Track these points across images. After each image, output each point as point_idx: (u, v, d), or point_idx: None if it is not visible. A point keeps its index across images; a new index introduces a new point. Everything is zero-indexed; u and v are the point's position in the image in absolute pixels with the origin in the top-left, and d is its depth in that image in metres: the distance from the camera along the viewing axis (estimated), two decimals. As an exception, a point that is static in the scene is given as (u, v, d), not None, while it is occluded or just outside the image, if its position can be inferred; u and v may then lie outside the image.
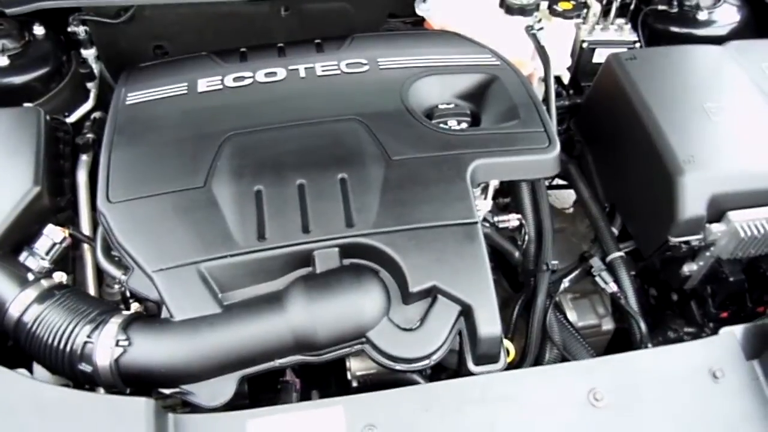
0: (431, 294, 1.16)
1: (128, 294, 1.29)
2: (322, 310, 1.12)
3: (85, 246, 1.35)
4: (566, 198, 2.14)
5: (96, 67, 1.61)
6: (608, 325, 1.62)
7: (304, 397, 1.33)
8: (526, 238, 1.49)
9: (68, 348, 1.09)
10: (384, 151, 1.27)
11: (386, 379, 1.26)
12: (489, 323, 1.13)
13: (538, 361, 1.40)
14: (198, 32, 1.77)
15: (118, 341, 1.08)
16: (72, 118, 1.54)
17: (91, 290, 1.35)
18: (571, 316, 1.59)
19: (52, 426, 0.98)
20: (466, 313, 1.15)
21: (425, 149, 1.29)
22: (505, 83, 1.43)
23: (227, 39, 1.75)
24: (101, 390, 1.16)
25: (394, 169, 1.25)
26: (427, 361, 1.14)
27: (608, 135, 1.57)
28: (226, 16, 1.75)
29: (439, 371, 1.29)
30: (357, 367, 1.26)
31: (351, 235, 1.18)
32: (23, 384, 1.02)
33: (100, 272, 1.39)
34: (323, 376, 1.36)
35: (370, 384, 1.28)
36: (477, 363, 1.16)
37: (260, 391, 1.24)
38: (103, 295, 1.38)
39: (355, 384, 1.29)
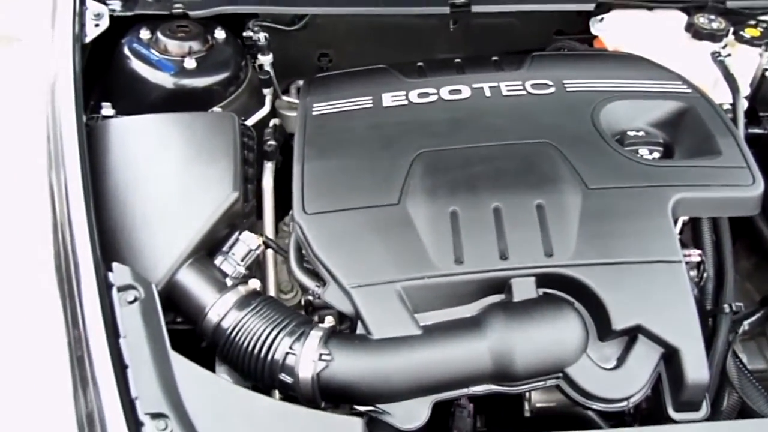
0: (632, 333, 1.12)
1: (304, 302, 1.32)
2: (523, 340, 1.09)
3: (269, 253, 1.37)
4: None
5: (272, 73, 1.63)
6: (776, 370, 1.54)
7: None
8: (705, 275, 1.42)
9: (269, 357, 1.11)
10: (580, 178, 1.23)
11: (562, 414, 1.23)
12: (697, 369, 1.08)
13: (715, 407, 1.33)
14: (363, 42, 1.79)
15: (321, 355, 1.08)
16: (248, 123, 1.56)
17: (272, 297, 1.37)
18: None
19: (264, 436, 0.99)
20: (670, 356, 1.10)
21: (623, 179, 1.24)
22: (700, 113, 1.36)
23: (391, 50, 1.77)
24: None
25: (592, 199, 1.21)
26: (625, 403, 1.10)
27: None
28: (392, 28, 1.76)
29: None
30: (538, 398, 1.22)
31: (550, 265, 1.14)
32: (236, 392, 1.03)
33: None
34: (491, 402, 1.34)
35: (544, 416, 1.25)
36: (678, 410, 1.11)
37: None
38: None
39: (527, 414, 1.26)
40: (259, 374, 1.12)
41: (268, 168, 1.47)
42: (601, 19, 1.67)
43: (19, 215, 1.22)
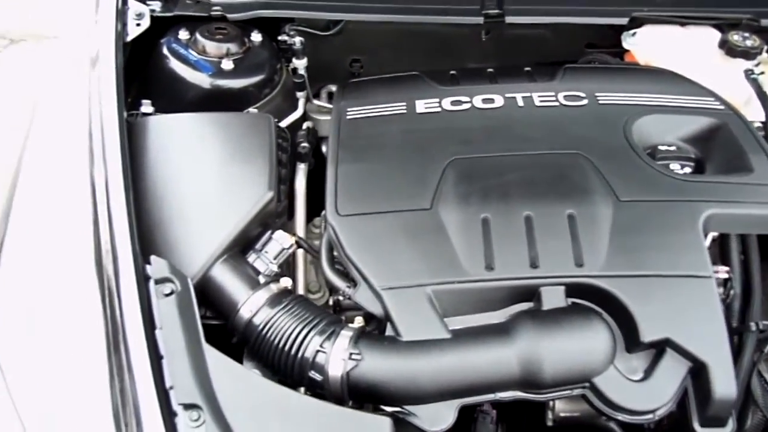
0: (660, 346, 1.12)
1: (332, 303, 1.34)
2: (552, 348, 1.10)
3: (299, 253, 1.39)
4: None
5: (305, 77, 1.66)
6: (801, 391, 1.53)
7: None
8: (732, 293, 1.42)
9: (299, 355, 1.12)
10: (612, 190, 1.25)
11: (585, 424, 1.23)
12: (725, 384, 1.09)
13: (739, 426, 1.33)
14: (395, 49, 1.81)
15: (351, 354, 1.10)
16: (281, 125, 1.58)
17: (301, 296, 1.39)
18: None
19: (294, 430, 1.01)
20: (698, 370, 1.11)
21: (655, 193, 1.25)
22: (732, 130, 1.37)
23: (422, 58, 1.79)
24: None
25: (623, 211, 1.22)
26: (651, 416, 1.11)
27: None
28: (424, 36, 1.78)
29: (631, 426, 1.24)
30: (561, 408, 1.23)
31: (580, 275, 1.15)
32: (268, 387, 1.05)
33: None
34: (513, 409, 1.35)
35: (566, 425, 1.26)
36: (704, 425, 1.11)
37: None
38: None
39: (550, 423, 1.26)
40: (288, 371, 1.14)
41: (301, 170, 1.50)
42: (634, 33, 1.68)
43: (61, 209, 1.25)
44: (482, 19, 1.61)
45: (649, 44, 1.66)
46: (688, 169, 1.35)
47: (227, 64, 1.54)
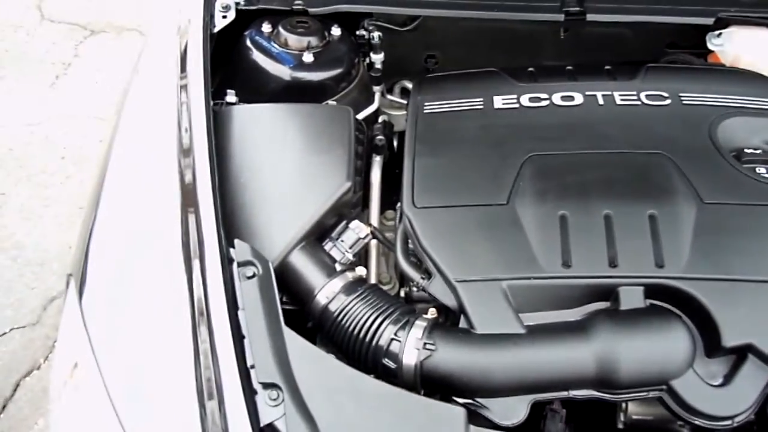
0: (742, 352, 1.10)
1: (403, 294, 1.36)
2: (629, 348, 1.09)
3: (371, 243, 1.42)
4: None
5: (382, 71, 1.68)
6: None
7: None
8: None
9: (374, 342, 1.15)
10: (695, 192, 1.22)
11: (656, 429, 1.21)
12: (812, 395, 1.05)
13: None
14: (470, 45, 1.81)
15: (425, 344, 1.12)
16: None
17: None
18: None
19: (370, 415, 1.03)
20: (781, 379, 1.08)
21: (740, 196, 1.22)
22: (825, 135, 1.32)
23: (497, 55, 1.78)
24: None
25: (707, 213, 1.19)
26: (729, 422, 1.08)
27: None
28: (501, 32, 1.77)
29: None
30: (634, 410, 1.21)
31: (661, 276, 1.14)
32: (345, 371, 1.08)
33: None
34: (583, 410, 1.33)
35: (638, 429, 1.24)
36: (788, 434, 1.08)
37: None
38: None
39: (620, 426, 1.25)
40: (362, 357, 1.16)
41: (377, 162, 1.52)
42: (719, 34, 1.63)
43: (149, 192, 1.31)
44: (563, 17, 1.60)
45: (736, 46, 1.62)
46: (774, 173, 1.32)
47: (308, 57, 1.58)
